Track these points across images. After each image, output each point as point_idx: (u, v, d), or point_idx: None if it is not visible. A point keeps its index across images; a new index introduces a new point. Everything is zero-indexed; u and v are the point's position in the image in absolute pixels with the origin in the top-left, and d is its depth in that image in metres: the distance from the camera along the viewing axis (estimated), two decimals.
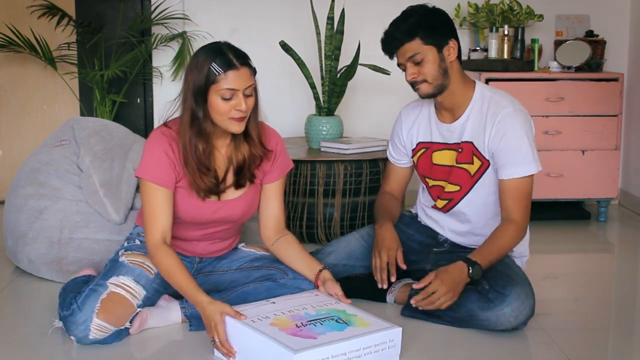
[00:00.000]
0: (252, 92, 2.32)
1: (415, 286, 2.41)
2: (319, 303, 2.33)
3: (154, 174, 2.34)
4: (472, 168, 2.58)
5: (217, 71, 2.24)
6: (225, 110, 2.27)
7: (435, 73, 2.49)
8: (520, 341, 2.42)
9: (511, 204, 2.49)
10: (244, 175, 2.43)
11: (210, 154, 2.37)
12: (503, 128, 2.49)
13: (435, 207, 2.72)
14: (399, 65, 2.55)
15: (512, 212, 2.49)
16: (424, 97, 2.55)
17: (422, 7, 2.53)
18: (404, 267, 2.59)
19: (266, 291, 2.45)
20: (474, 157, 2.56)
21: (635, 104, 4.37)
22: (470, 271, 2.39)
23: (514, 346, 2.38)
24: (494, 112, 2.51)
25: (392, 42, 2.51)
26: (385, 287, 2.60)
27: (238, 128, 2.32)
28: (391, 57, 2.57)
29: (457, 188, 2.62)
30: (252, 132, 2.41)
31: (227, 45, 2.32)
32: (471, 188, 2.61)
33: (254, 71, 2.34)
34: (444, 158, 2.64)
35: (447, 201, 2.67)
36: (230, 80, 2.25)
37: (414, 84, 2.53)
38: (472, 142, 2.56)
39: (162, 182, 2.34)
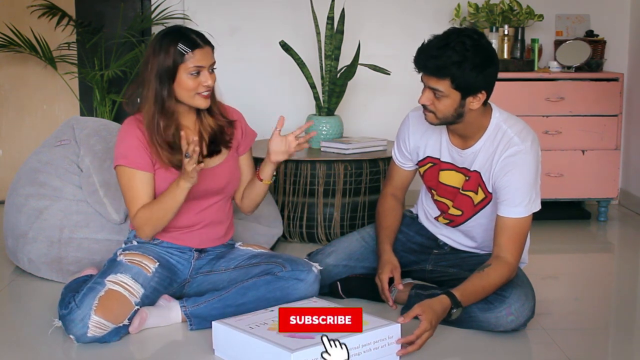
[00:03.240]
0: (215, 69, 2.49)
1: (400, 320, 2.23)
2: None
3: (130, 159, 2.44)
4: (476, 198, 2.54)
5: (184, 51, 2.40)
6: (193, 86, 2.43)
7: (447, 114, 2.38)
8: (520, 341, 2.42)
9: (505, 241, 2.42)
10: (217, 141, 2.56)
11: (178, 132, 2.47)
12: (508, 166, 2.40)
13: (437, 219, 2.72)
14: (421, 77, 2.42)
15: (505, 251, 2.41)
16: (428, 122, 2.46)
17: (473, 45, 2.31)
18: (400, 287, 2.60)
19: (265, 284, 2.45)
20: (479, 188, 2.51)
21: (635, 104, 4.37)
22: (453, 310, 2.31)
23: (514, 346, 2.38)
24: (503, 147, 2.42)
25: (422, 66, 2.35)
26: (394, 307, 2.61)
27: (205, 103, 2.47)
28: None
29: (460, 213, 2.60)
30: (214, 107, 2.56)
31: (185, 28, 2.50)
32: (473, 215, 2.58)
33: (213, 49, 2.50)
34: (451, 179, 2.58)
35: (449, 221, 2.67)
36: (197, 58, 2.41)
37: (423, 108, 2.44)
38: (480, 173, 2.50)
39: (138, 165, 2.44)
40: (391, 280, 2.63)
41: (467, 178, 2.53)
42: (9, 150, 4.53)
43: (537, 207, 2.46)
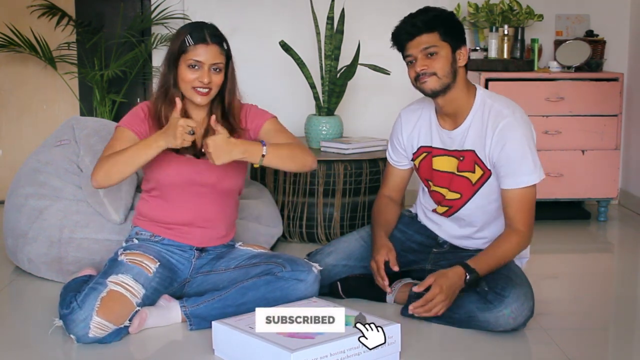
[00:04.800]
0: (222, 70, 2.48)
1: (415, 289, 2.40)
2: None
3: (126, 120, 2.52)
4: (474, 177, 2.56)
5: (188, 42, 2.44)
6: (190, 79, 2.45)
7: (446, 69, 2.47)
8: (520, 341, 2.42)
9: (514, 213, 2.47)
10: None
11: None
12: (503, 138, 2.45)
13: (435, 211, 2.72)
14: (406, 57, 2.52)
15: (516, 222, 2.47)
16: (428, 92, 2.50)
17: (441, 9, 2.55)
18: (395, 268, 2.60)
19: (265, 284, 2.46)
20: (476, 165, 2.54)
21: (635, 104, 4.37)
22: (468, 278, 2.39)
23: (514, 346, 2.38)
24: (494, 121, 2.48)
25: (410, 29, 2.48)
26: (389, 291, 2.63)
27: (200, 100, 2.48)
28: (400, 48, 2.54)
29: (458, 196, 2.61)
30: (228, 113, 2.56)
31: (210, 25, 2.51)
32: (472, 196, 2.59)
33: (226, 52, 2.50)
34: (443, 164, 2.61)
35: (447, 208, 2.67)
36: (198, 52, 2.44)
37: (420, 78, 2.48)
38: (474, 151, 2.53)
39: (131, 127, 2.50)
40: (389, 280, 2.64)
41: (460, 159, 2.55)
42: (9, 150, 4.53)
43: (541, 175, 2.49)
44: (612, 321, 2.75)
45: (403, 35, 2.50)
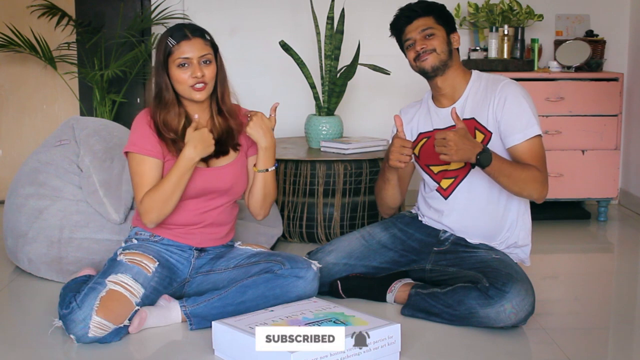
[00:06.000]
0: (211, 61, 2.49)
1: (437, 133, 2.47)
2: (317, 308, 2.33)
3: (140, 146, 2.48)
4: None
5: (171, 43, 2.45)
6: (184, 78, 2.45)
7: (443, 47, 2.64)
8: (520, 341, 2.42)
9: (529, 162, 2.54)
10: (225, 143, 2.57)
11: (188, 124, 2.51)
12: (504, 95, 2.60)
13: (439, 189, 2.72)
14: (405, 41, 2.67)
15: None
16: (428, 69, 2.63)
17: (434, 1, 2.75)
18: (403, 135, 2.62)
19: (265, 282, 2.46)
20: (477, 131, 2.62)
21: (635, 104, 4.37)
22: (482, 150, 2.44)
23: (514, 346, 2.38)
24: (493, 84, 2.64)
25: (408, 13, 2.67)
26: (405, 162, 2.58)
27: (200, 96, 2.48)
28: (399, 35, 2.70)
29: (462, 164, 2.64)
30: (223, 107, 2.56)
31: (187, 24, 2.55)
32: None
33: (211, 44, 2.51)
34: None
35: (452, 179, 2.68)
36: (183, 49, 2.44)
37: (421, 56, 2.63)
38: (473, 118, 2.63)
39: (148, 152, 2.48)
40: (389, 280, 2.65)
41: None
42: (9, 150, 4.53)
43: (540, 130, 2.58)
44: (612, 321, 2.75)
45: (402, 20, 2.68)
